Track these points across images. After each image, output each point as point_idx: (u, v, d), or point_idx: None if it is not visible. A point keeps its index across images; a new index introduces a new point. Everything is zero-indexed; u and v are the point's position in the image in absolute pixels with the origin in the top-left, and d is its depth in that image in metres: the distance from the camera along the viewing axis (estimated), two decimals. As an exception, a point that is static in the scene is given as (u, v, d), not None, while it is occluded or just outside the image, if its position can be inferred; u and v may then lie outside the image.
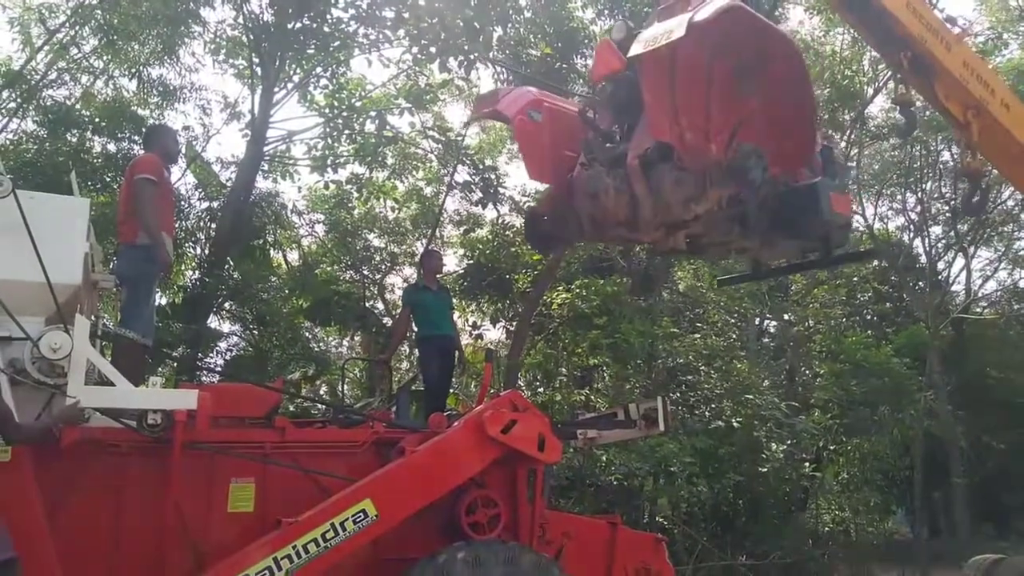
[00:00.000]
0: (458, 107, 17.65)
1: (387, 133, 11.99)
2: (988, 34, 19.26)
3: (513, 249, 13.20)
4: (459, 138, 12.80)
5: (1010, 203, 18.73)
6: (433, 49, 9.38)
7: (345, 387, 13.12)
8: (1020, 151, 6.27)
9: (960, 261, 21.92)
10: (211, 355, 12.30)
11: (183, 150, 12.00)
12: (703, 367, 13.72)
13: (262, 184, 13.28)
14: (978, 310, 22.53)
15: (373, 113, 12.16)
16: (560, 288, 12.93)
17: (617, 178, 5.12)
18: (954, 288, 22.30)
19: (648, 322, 12.74)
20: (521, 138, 5.55)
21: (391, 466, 4.63)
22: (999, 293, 23.36)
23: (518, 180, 33.38)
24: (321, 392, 16.54)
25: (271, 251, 14.36)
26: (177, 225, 11.09)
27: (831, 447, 14.26)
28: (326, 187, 13.30)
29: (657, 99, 4.80)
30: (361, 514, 4.30)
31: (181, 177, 12.91)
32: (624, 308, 12.23)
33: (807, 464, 13.27)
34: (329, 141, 12.45)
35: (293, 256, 16.51)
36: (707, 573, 10.55)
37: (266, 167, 13.02)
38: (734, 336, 16.28)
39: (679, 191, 4.94)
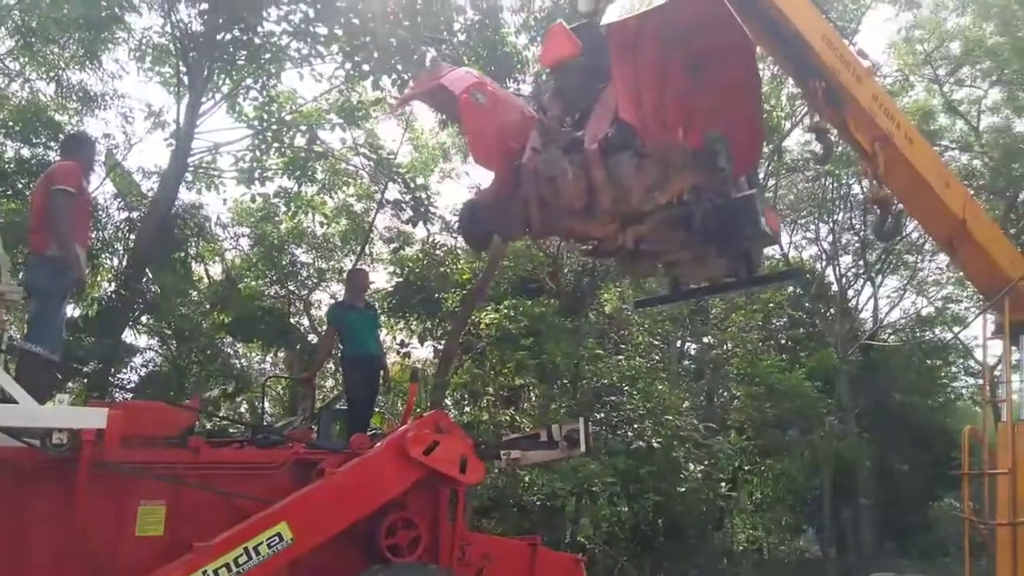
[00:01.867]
0: (390, 125, 17.64)
1: (317, 148, 11.89)
2: (896, 76, 20.52)
3: (443, 268, 13.23)
4: (391, 156, 12.78)
5: (915, 234, 19.86)
6: (366, 67, 9.37)
7: (266, 406, 12.82)
8: (921, 183, 6.63)
9: (868, 289, 23.06)
10: (125, 371, 11.86)
11: (103, 158, 11.59)
12: (626, 388, 13.99)
13: (185, 195, 12.94)
14: (884, 336, 23.71)
15: (303, 127, 12.04)
16: (489, 308, 13.01)
17: (575, 163, 4.78)
18: (863, 315, 23.41)
19: (574, 343, 12.95)
20: (467, 116, 5.18)
21: (309, 488, 4.57)
22: (903, 320, 24.65)
23: (449, 199, 33.35)
24: (242, 411, 16.11)
25: (193, 264, 13.96)
26: (94, 235, 10.69)
27: (746, 467, 14.74)
28: (253, 200, 13.05)
29: (622, 75, 4.60)
30: (276, 538, 4.22)
31: (100, 185, 12.47)
32: (551, 329, 12.40)
33: (723, 484, 13.67)
34: (257, 154, 12.23)
35: (216, 270, 16.10)
36: (626, 592, 10.71)
37: (190, 178, 12.67)
38: (656, 358, 16.68)
39: (641, 178, 4.70)
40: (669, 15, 4.32)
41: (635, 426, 13.05)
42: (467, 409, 14.50)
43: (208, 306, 12.89)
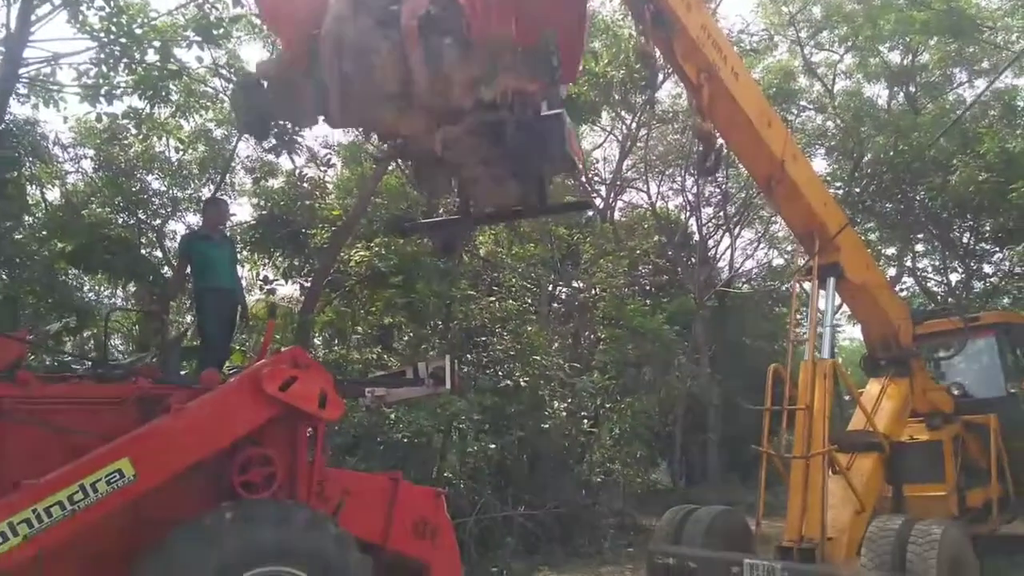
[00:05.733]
0: (254, 46, 16.56)
1: (171, 66, 10.95)
2: (762, 35, 21.43)
3: (309, 202, 12.72)
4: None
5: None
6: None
7: (114, 342, 12.00)
8: (744, 120, 6.85)
9: (727, 240, 24.41)
10: (-54, 302, 10.69)
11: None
12: (498, 329, 14.18)
13: (18, 110, 11.65)
14: (739, 285, 25.29)
15: (157, 43, 11.04)
16: (359, 246, 12.69)
17: (390, 40, 4.16)
18: (720, 264, 24.82)
19: (446, 284, 12.91)
20: None
21: (153, 423, 4.33)
22: (756, 270, 26.38)
23: (318, 130, 31.96)
24: (88, 348, 15.03)
25: (27, 187, 12.69)
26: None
27: (607, 405, 15.40)
28: (98, 120, 11.92)
29: None
30: (116, 474, 3.99)
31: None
32: (423, 269, 12.28)
33: (585, 421, 14.25)
34: (103, 69, 11.12)
35: (55, 195, 14.73)
36: (488, 524, 11.01)
37: (24, 90, 11.41)
38: (528, 301, 16.98)
39: (465, 69, 4.20)
40: None
41: (505, 366, 13.29)
42: (335, 348, 14.23)
43: (45, 233, 11.79)
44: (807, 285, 8.04)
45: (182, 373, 6.16)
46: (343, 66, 4.19)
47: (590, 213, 19.96)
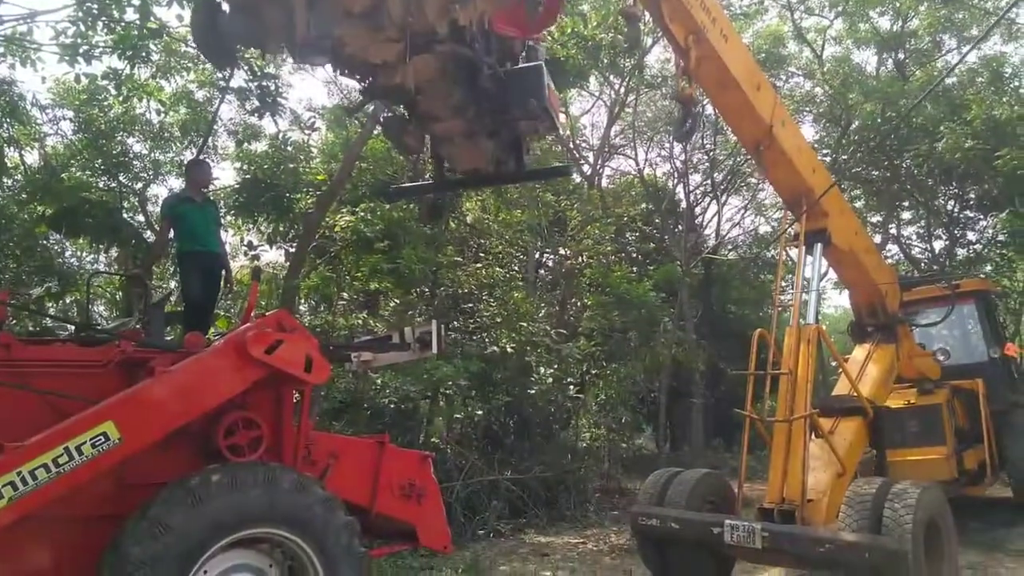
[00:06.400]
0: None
1: (152, 25, 10.68)
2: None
3: (294, 166, 12.56)
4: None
5: (757, 158, 21.01)
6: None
7: (97, 307, 11.88)
8: (732, 83, 6.76)
9: (714, 207, 24.41)
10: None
11: None
12: (484, 296, 14.17)
13: (-6, 69, 11.37)
14: (725, 252, 25.36)
15: (136, 1, 10.75)
16: (344, 211, 12.57)
17: None
18: (707, 231, 24.84)
19: (432, 250, 12.85)
20: None
21: (138, 386, 4.30)
22: (742, 238, 26.44)
23: (302, 91, 31.62)
24: (70, 313, 14.89)
25: (5, 149, 12.44)
26: None
27: (593, 371, 15.49)
28: (77, 81, 11.65)
29: None
30: (101, 437, 3.98)
31: None
32: (409, 235, 12.20)
33: (572, 387, 14.34)
34: (82, 27, 10.84)
35: (34, 157, 14.45)
36: (475, 488, 11.11)
37: (0, 49, 11.11)
38: (515, 268, 16.96)
39: None
40: None
41: (491, 332, 13.31)
42: (321, 314, 14.18)
43: (24, 196, 11.58)
44: (794, 252, 8.05)
45: (167, 338, 6.11)
46: None
47: (577, 179, 19.88)
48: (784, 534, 6.17)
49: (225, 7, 4.32)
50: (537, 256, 19.10)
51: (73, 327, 7.15)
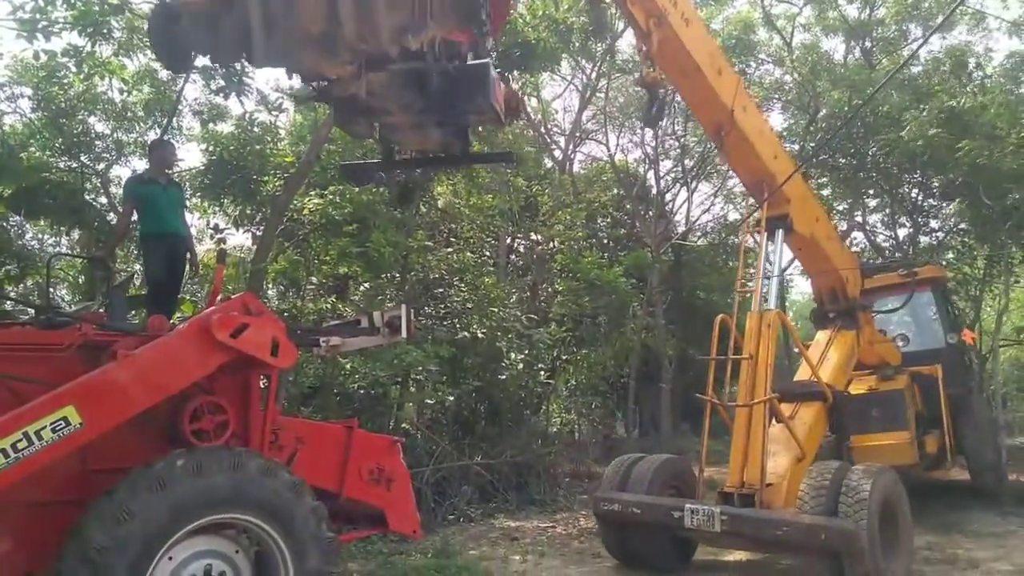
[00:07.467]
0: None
1: (112, 1, 10.41)
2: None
3: (260, 148, 12.37)
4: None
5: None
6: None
7: (59, 291, 11.62)
8: (693, 67, 6.81)
9: (684, 194, 24.56)
10: None
11: None
12: (455, 281, 14.14)
13: (-53, 44, 10.98)
14: (694, 239, 25.57)
15: (97, -24, 10.46)
16: (313, 193, 12.42)
17: None
18: (677, 218, 25.01)
19: (402, 234, 12.76)
20: None
21: (100, 370, 4.24)
22: (712, 224, 26.66)
23: (269, 72, 31.00)
24: (31, 297, 14.55)
25: (-40, 127, 12.08)
26: None
27: (563, 357, 15.57)
28: (36, 58, 11.32)
29: None
30: (62, 422, 3.92)
31: None
32: (379, 218, 12.10)
33: (542, 372, 14.41)
34: (40, 2, 10.52)
35: (-9, 136, 13.99)
36: (445, 473, 11.14)
37: (-47, 24, 10.77)
38: (487, 253, 16.94)
39: (394, 16, 4.11)
40: None
41: (462, 318, 13.30)
42: (289, 298, 14.03)
43: (-19, 176, 11.23)
44: (759, 237, 8.15)
45: (130, 321, 6.01)
46: (268, 4, 4.03)
47: (548, 164, 19.86)
48: (743, 517, 6.29)
49: (180, 17, 4.33)
50: (508, 241, 19.10)
51: (33, 310, 7.01)
